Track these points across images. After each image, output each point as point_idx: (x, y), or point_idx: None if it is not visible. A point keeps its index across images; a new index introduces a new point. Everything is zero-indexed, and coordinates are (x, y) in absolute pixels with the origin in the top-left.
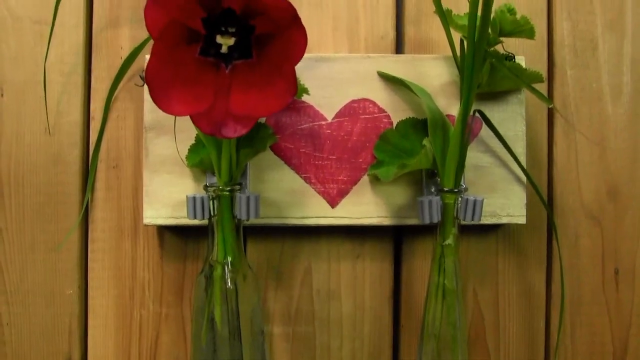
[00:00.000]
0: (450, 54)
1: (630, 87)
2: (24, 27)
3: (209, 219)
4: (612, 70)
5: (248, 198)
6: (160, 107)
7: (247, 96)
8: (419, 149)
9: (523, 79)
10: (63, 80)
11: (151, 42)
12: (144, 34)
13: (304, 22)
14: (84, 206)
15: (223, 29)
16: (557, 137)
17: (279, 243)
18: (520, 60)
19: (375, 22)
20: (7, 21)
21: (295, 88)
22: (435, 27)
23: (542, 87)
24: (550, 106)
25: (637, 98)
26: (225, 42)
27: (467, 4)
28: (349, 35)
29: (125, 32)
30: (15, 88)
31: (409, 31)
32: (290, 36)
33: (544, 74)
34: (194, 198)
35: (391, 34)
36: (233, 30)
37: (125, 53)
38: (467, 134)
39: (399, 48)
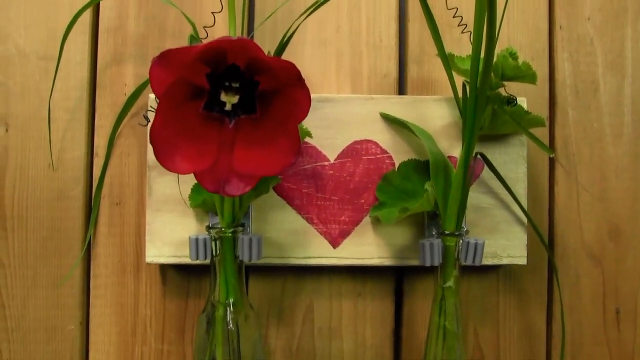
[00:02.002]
0: (453, 94)
1: (631, 128)
2: (29, 63)
3: (211, 258)
4: (612, 111)
5: (250, 240)
6: (164, 165)
7: (251, 153)
8: (420, 191)
9: (524, 124)
10: (67, 116)
11: None
12: (148, 71)
13: (307, 61)
14: (87, 242)
15: (227, 84)
16: (559, 177)
17: (280, 280)
18: (522, 102)
19: (379, 62)
20: (14, 57)
21: (298, 147)
22: (437, 67)
23: (543, 128)
24: (551, 156)
25: (637, 139)
26: (229, 100)
27: (470, 46)
28: (352, 74)
29: (130, 69)
30: (20, 123)
31: (412, 70)
32: (294, 94)
33: (546, 114)
34: (197, 239)
35: (394, 73)
36: (237, 85)
37: (129, 90)
38: (469, 176)
39: (401, 87)
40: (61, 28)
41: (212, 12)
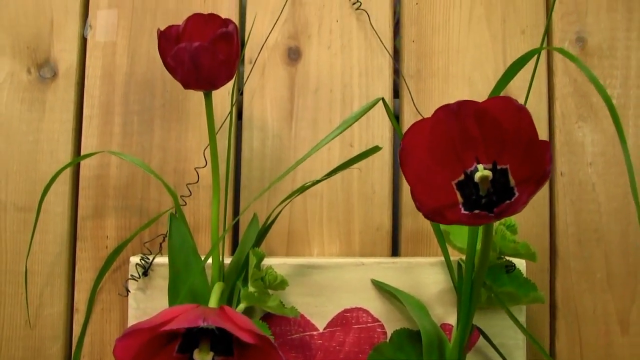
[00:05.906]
0: None
1: (638, 278)
2: (7, 215)
3: None
4: (617, 261)
5: None
6: None
7: None
8: None
9: (524, 301)
10: (46, 270)
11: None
12: (130, 223)
13: (296, 214)
14: None
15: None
16: (560, 331)
17: None
18: (521, 264)
19: (370, 214)
20: None
21: None
22: None
23: (543, 279)
24: None
25: None
26: (203, 359)
27: None
28: (344, 227)
29: (112, 221)
30: None
31: (406, 223)
32: (269, 351)
33: (546, 265)
34: None
35: (387, 225)
36: (214, 327)
37: (111, 243)
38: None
39: (395, 241)
40: (41, 179)
41: (196, 168)
